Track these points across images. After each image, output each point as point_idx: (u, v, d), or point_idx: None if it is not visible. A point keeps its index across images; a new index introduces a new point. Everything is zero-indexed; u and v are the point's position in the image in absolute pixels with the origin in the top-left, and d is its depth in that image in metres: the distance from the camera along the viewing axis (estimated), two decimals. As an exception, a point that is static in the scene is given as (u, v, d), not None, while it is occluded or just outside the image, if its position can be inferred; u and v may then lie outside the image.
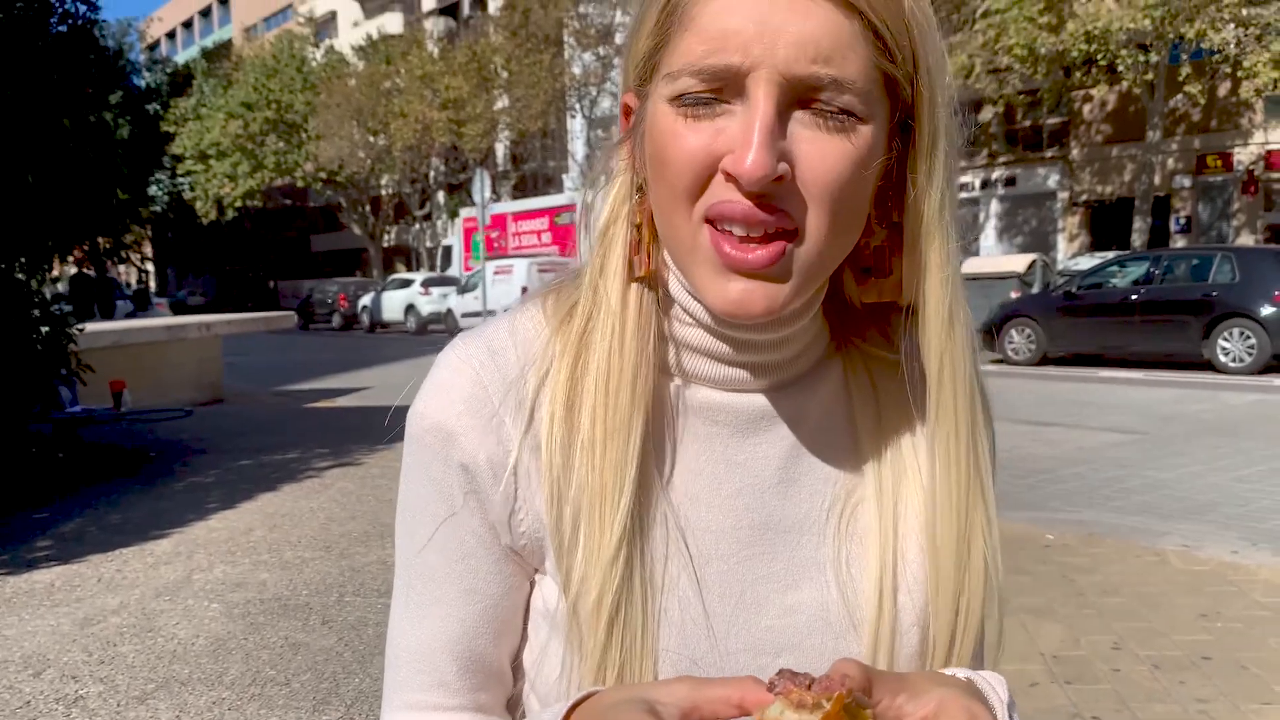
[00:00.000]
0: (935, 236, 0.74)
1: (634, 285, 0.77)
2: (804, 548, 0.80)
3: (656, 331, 0.78)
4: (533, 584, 0.82)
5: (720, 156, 0.68)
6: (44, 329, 7.51)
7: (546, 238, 30.25)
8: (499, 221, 32.48)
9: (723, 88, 0.67)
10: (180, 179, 46.30)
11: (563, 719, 0.65)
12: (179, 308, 42.57)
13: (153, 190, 45.16)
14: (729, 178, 0.67)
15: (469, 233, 32.84)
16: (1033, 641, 3.87)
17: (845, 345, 0.84)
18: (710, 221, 0.70)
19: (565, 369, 0.77)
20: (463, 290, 27.54)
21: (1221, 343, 13.48)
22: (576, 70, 34.89)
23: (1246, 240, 26.73)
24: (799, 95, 0.67)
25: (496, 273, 25.10)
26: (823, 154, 0.67)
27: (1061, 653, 3.77)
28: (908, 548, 0.80)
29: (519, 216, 31.87)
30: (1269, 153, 27.00)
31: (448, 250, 35.83)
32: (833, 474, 0.81)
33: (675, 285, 0.78)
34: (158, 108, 42.61)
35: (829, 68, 0.66)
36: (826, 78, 0.66)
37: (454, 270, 33.07)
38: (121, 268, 50.01)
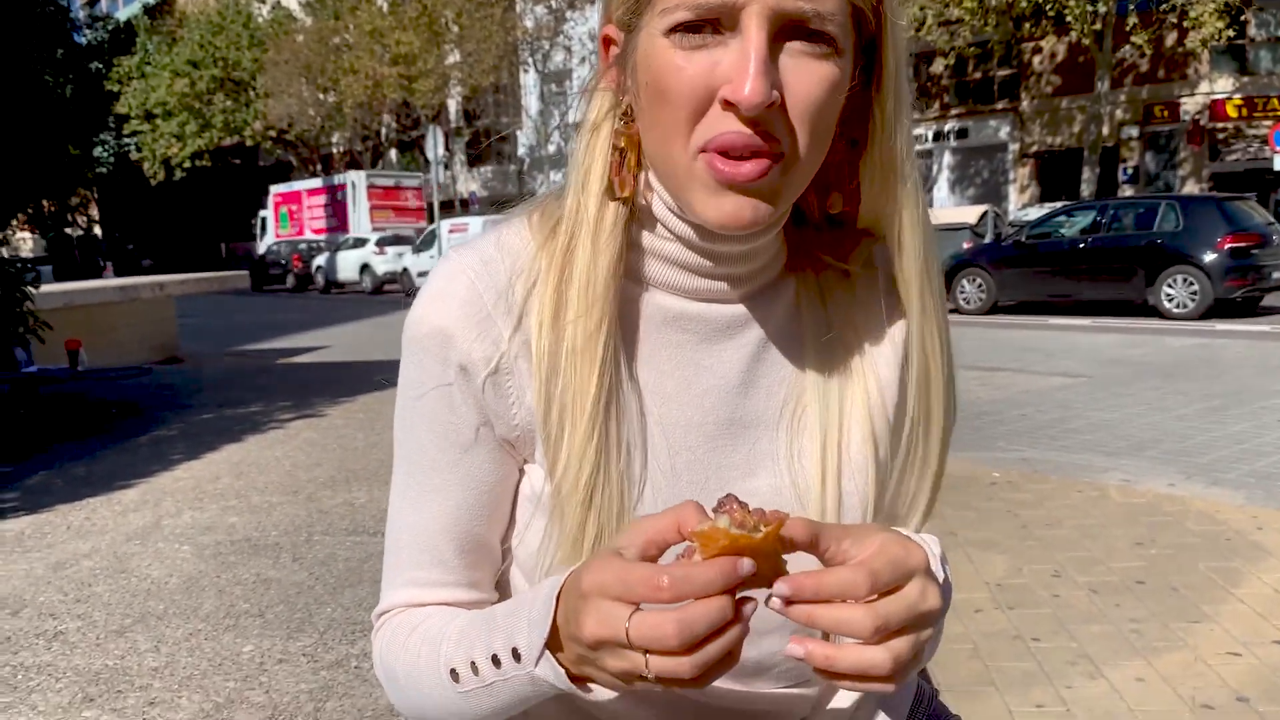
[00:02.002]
0: (901, 155, 0.83)
1: (612, 204, 0.84)
2: (761, 441, 0.90)
3: (635, 246, 0.88)
4: (522, 472, 0.91)
5: (718, 87, 0.74)
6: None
7: (330, 210, 35.24)
8: (295, 197, 37.27)
9: (717, 19, 0.73)
10: (126, 139, 45.22)
11: (557, 592, 0.73)
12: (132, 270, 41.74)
13: (98, 151, 44.01)
14: (727, 106, 0.74)
15: (278, 205, 38.33)
16: (978, 572, 4.00)
17: (800, 264, 0.93)
18: (705, 151, 0.77)
19: (552, 282, 0.85)
20: (418, 249, 27.34)
21: (1165, 289, 13.72)
22: (528, 24, 34.50)
23: (1192, 189, 27.11)
24: (784, 27, 0.74)
25: (452, 231, 24.97)
26: (808, 80, 0.75)
27: (1005, 581, 3.90)
28: (851, 442, 0.90)
29: (311, 193, 36.50)
30: (1214, 102, 27.36)
31: (264, 221, 39.32)
32: (787, 376, 0.91)
33: (659, 205, 0.87)
34: (100, 66, 41.43)
35: (812, 2, 0.73)
36: (810, 11, 0.73)
37: (268, 240, 37.18)
38: (68, 230, 48.88)
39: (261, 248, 36.79)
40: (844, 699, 0.97)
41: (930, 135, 32.95)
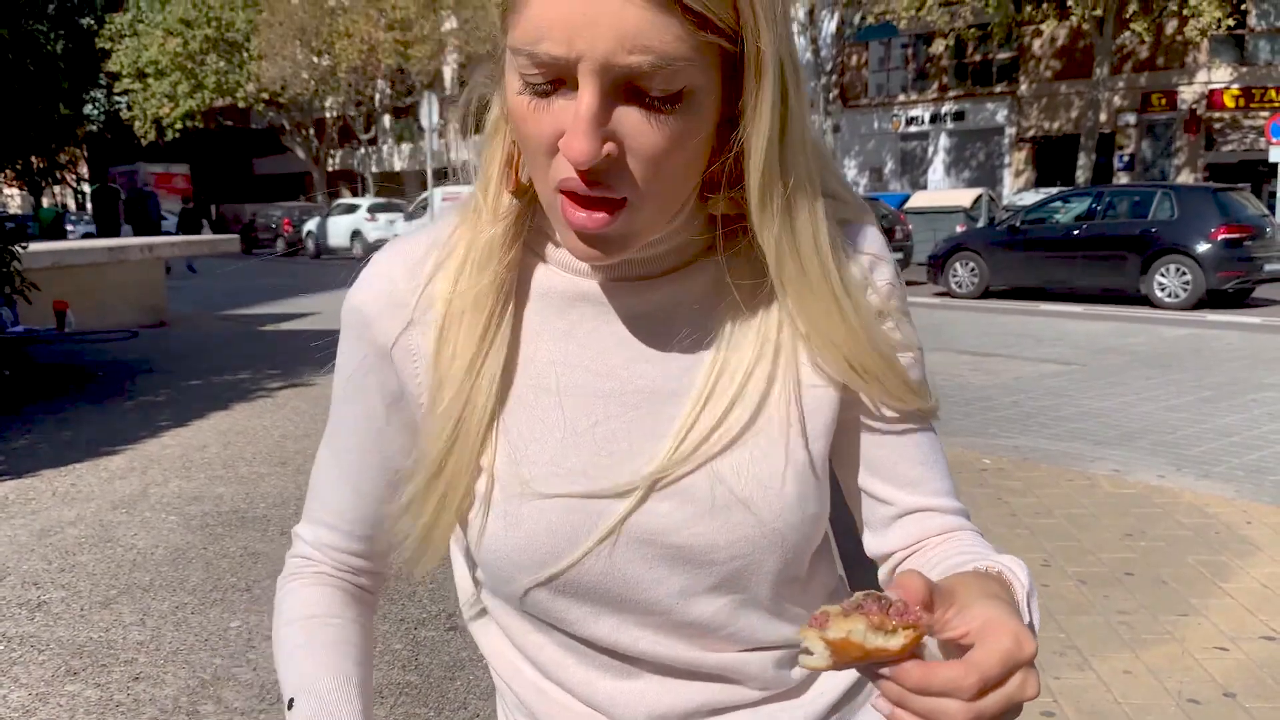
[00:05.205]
0: (768, 170, 0.80)
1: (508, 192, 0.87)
2: (681, 409, 0.89)
3: (541, 233, 0.90)
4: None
5: (561, 133, 0.75)
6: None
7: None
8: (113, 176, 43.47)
9: (559, 77, 0.74)
10: (117, 98, 44.86)
11: None
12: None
13: (88, 109, 43.73)
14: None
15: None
16: (967, 558, 4.01)
17: (731, 236, 0.89)
18: (560, 190, 0.78)
19: (457, 258, 0.89)
20: (410, 217, 27.30)
21: (1158, 278, 13.76)
22: (527, -7, 34.20)
23: (1187, 178, 27.14)
24: (623, 81, 0.72)
25: (445, 199, 24.90)
26: (646, 138, 0.75)
27: (994, 569, 3.93)
28: (764, 414, 0.89)
29: (119, 175, 40.95)
30: (1212, 92, 27.36)
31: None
32: (704, 350, 0.90)
33: None
34: (91, 22, 41.07)
35: (648, 55, 0.70)
36: (646, 64, 0.71)
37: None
38: (57, 189, 48.56)
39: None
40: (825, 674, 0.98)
41: (927, 117, 32.91)
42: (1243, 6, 25.11)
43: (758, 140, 0.79)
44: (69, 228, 29.80)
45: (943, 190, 28.02)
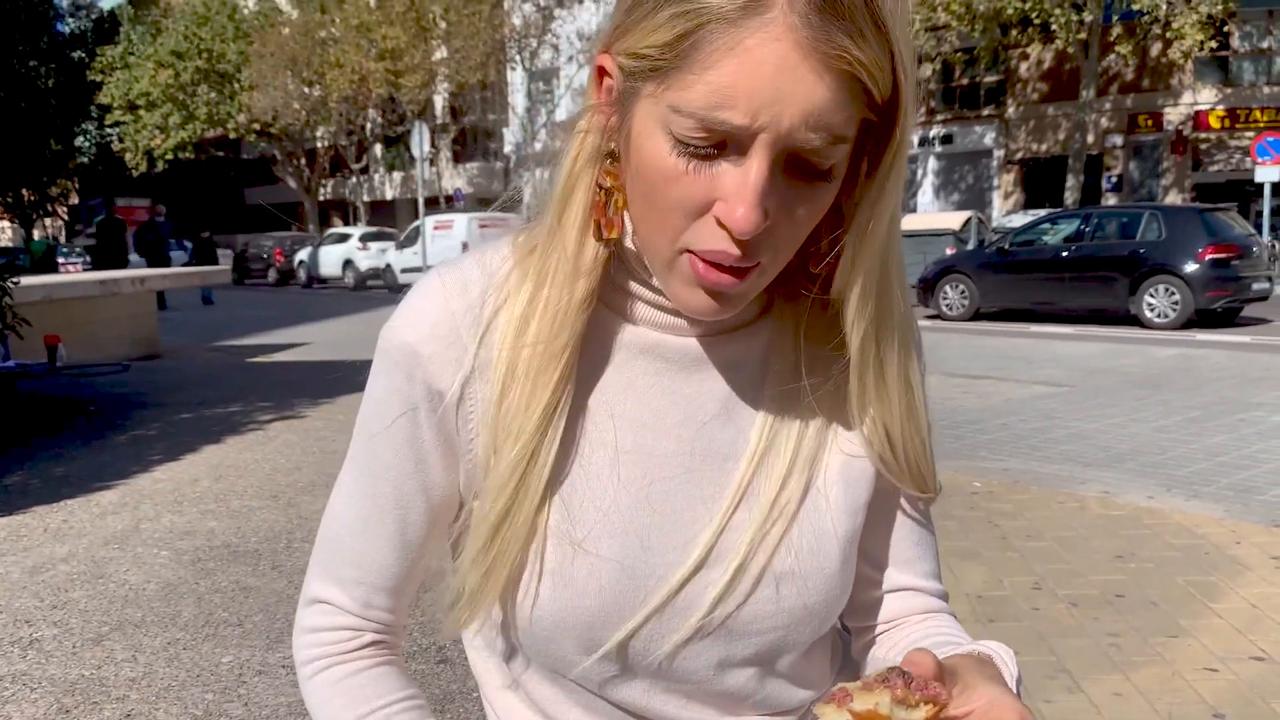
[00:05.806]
0: (880, 248, 0.81)
1: (594, 241, 0.83)
2: (734, 474, 0.89)
3: (611, 280, 0.87)
4: (464, 507, 0.91)
5: (714, 200, 0.73)
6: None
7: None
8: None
9: (725, 143, 0.72)
10: (109, 130, 44.98)
11: None
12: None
13: (80, 141, 43.87)
14: (720, 222, 0.74)
15: None
16: (958, 583, 4.00)
17: (783, 299, 0.91)
18: (690, 251, 0.77)
19: (521, 301, 0.85)
20: (401, 245, 27.33)
21: (1147, 299, 13.83)
22: (516, 21, 34.51)
23: (1175, 199, 27.31)
24: (790, 152, 0.72)
25: (436, 228, 24.94)
26: (797, 208, 0.75)
27: (985, 593, 3.91)
28: (821, 480, 0.90)
29: None
30: (1197, 113, 27.58)
31: None
32: (761, 411, 0.90)
33: (636, 249, 0.86)
34: (83, 55, 41.23)
35: (824, 132, 0.71)
36: (821, 141, 0.71)
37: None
38: (48, 221, 48.61)
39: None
40: None
41: (915, 140, 33.05)
42: (1225, 29, 25.33)
43: (880, 221, 0.79)
44: (59, 260, 29.69)
45: (932, 213, 28.13)
